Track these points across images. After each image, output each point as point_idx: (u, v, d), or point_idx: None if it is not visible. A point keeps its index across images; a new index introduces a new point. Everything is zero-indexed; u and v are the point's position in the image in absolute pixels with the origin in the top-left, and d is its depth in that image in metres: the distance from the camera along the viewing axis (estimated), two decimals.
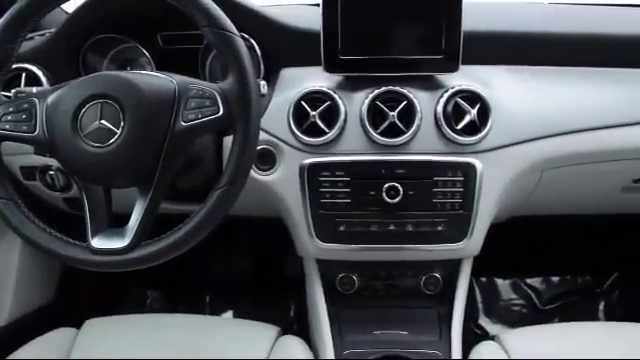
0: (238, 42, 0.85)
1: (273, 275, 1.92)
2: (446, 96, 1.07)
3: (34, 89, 0.90)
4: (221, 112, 0.83)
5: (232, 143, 0.85)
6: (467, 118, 1.07)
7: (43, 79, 1.15)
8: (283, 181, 1.11)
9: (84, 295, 1.72)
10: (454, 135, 1.07)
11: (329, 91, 1.08)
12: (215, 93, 0.84)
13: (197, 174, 1.03)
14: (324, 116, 1.08)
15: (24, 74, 1.16)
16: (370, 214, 1.10)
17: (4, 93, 0.98)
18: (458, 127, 1.07)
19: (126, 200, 0.88)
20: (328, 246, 1.13)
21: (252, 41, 1.13)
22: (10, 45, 0.88)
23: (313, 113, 1.07)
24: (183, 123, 0.83)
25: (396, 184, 1.07)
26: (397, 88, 1.08)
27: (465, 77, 1.10)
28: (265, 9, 1.16)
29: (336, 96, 1.08)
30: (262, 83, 0.90)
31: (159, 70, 0.93)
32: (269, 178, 1.12)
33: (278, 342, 1.13)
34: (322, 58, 1.06)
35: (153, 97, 0.84)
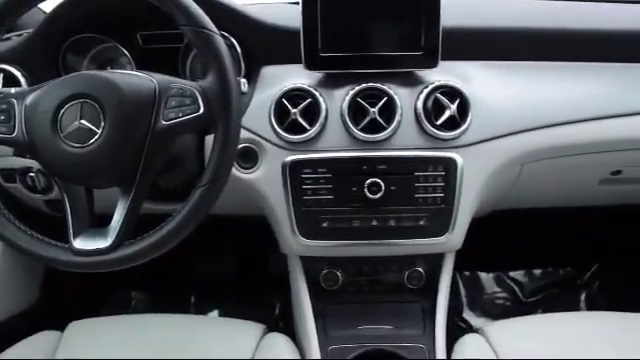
0: (218, 40, 0.85)
1: (258, 274, 1.92)
2: (426, 92, 1.08)
3: (12, 90, 0.89)
4: (202, 110, 0.83)
5: (213, 141, 0.85)
6: (447, 113, 1.08)
7: (22, 80, 1.14)
8: (265, 179, 1.12)
9: (68, 297, 1.70)
10: (434, 130, 1.08)
11: (310, 88, 1.08)
12: (195, 91, 0.84)
13: (179, 173, 1.03)
14: (305, 113, 1.08)
15: (1, 75, 1.14)
16: (352, 210, 1.11)
17: None
18: (438, 122, 1.08)
19: (108, 200, 0.88)
20: (311, 243, 1.13)
21: (232, 39, 1.13)
22: None
23: (294, 110, 1.08)
24: (164, 122, 0.83)
25: (378, 180, 1.08)
26: (377, 84, 1.08)
27: (445, 73, 1.10)
28: (245, 7, 1.16)
29: (317, 93, 1.08)
30: (242, 81, 0.90)
31: (139, 70, 0.92)
32: (251, 176, 1.12)
33: (263, 340, 1.13)
34: (302, 56, 1.07)
35: (133, 96, 0.83)
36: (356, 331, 1.21)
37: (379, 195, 1.08)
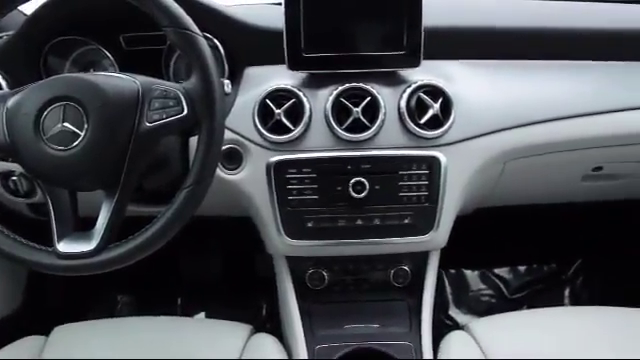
0: (200, 42, 0.85)
1: (244, 275, 1.92)
2: (409, 91, 1.09)
3: None
4: (185, 112, 0.83)
5: (197, 142, 0.85)
6: (430, 112, 1.08)
7: (2, 83, 1.13)
8: (250, 180, 1.12)
9: (52, 302, 1.69)
10: (417, 129, 1.08)
11: (293, 89, 1.09)
12: (179, 93, 0.84)
13: (163, 175, 1.02)
14: (289, 114, 1.08)
15: None
16: (337, 209, 1.11)
17: None
18: (421, 121, 1.08)
19: (92, 203, 0.87)
20: (297, 243, 1.14)
21: (215, 40, 1.12)
22: None
23: (278, 111, 1.08)
24: (147, 124, 0.83)
25: (362, 179, 1.08)
26: (361, 84, 1.09)
27: (427, 72, 1.11)
28: (227, 8, 1.16)
29: (300, 93, 1.08)
30: (226, 82, 0.90)
31: (122, 72, 0.92)
32: (236, 177, 1.12)
33: (250, 341, 1.13)
34: (286, 56, 1.07)
35: (117, 98, 0.83)
36: (343, 330, 1.22)
37: (364, 194, 1.09)
